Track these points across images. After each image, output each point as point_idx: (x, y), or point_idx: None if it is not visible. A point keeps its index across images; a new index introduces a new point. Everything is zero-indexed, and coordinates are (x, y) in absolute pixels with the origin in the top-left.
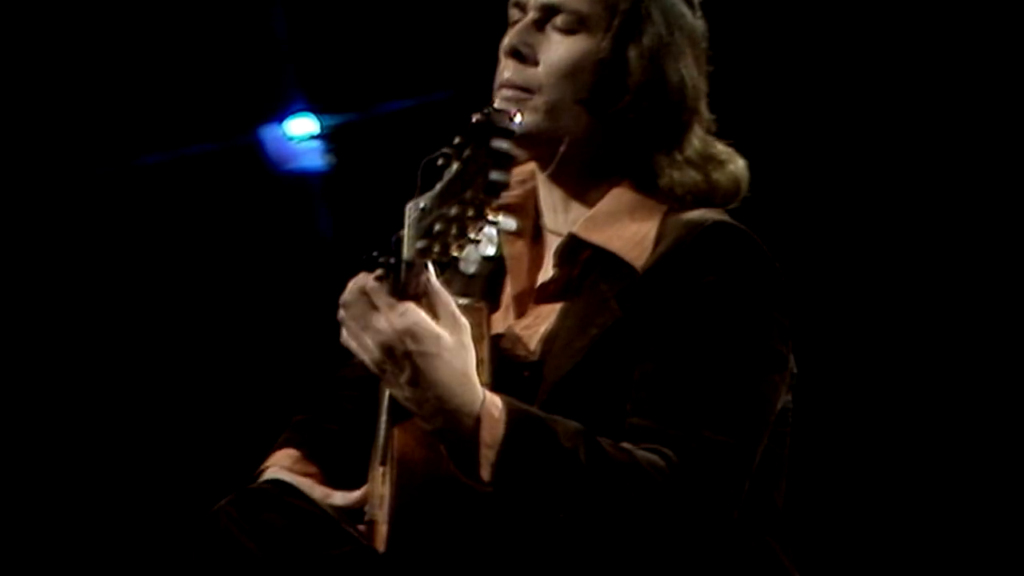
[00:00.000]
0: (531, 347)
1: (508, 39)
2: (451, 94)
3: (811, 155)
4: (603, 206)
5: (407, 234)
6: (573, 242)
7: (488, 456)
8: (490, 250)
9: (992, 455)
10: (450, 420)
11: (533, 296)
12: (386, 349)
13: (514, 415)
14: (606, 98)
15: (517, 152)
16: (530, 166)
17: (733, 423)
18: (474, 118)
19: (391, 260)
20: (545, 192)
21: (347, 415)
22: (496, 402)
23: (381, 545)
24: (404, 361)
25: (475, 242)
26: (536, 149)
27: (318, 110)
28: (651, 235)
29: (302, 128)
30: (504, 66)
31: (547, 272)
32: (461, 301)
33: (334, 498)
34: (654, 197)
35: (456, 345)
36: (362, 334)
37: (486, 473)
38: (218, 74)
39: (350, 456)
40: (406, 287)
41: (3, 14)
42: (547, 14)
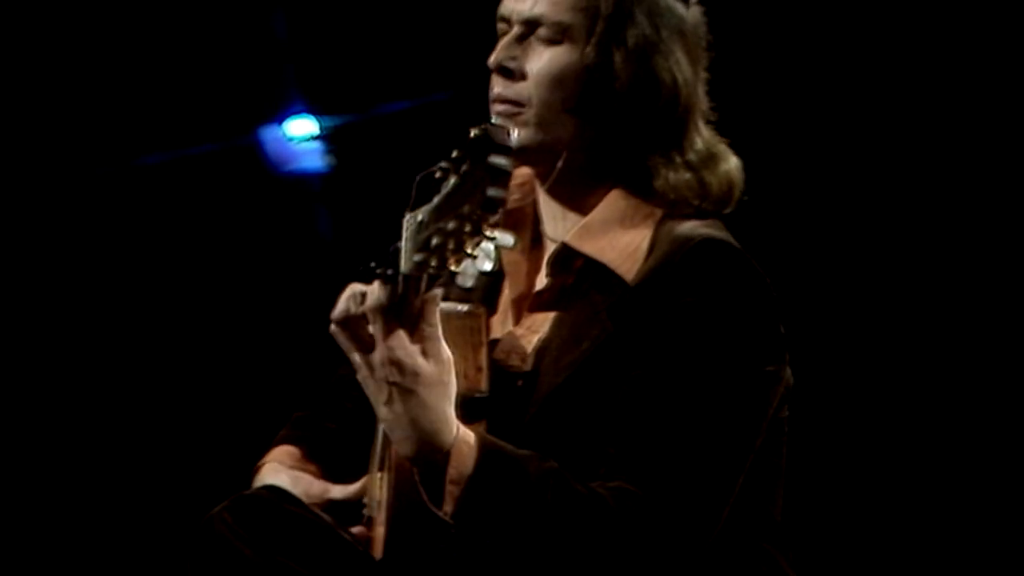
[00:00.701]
0: (525, 356)
1: (494, 55)
2: (450, 95)
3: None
4: (597, 214)
5: (405, 247)
6: (566, 251)
7: (452, 492)
8: (487, 265)
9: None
10: (420, 452)
11: (528, 303)
12: (370, 369)
13: (484, 453)
14: (595, 105)
15: (514, 168)
16: (529, 170)
17: (707, 454)
18: (472, 133)
19: (388, 272)
20: (544, 199)
21: (347, 414)
22: (469, 439)
23: (378, 551)
24: (383, 386)
25: (472, 257)
26: (531, 161)
27: (318, 111)
28: (644, 245)
29: (302, 129)
30: (494, 82)
31: (543, 279)
32: (460, 307)
33: (332, 492)
34: (649, 201)
35: (435, 380)
36: (352, 349)
37: (448, 507)
38: (218, 75)
39: (348, 455)
40: (403, 299)
41: (3, 14)
42: (530, 27)
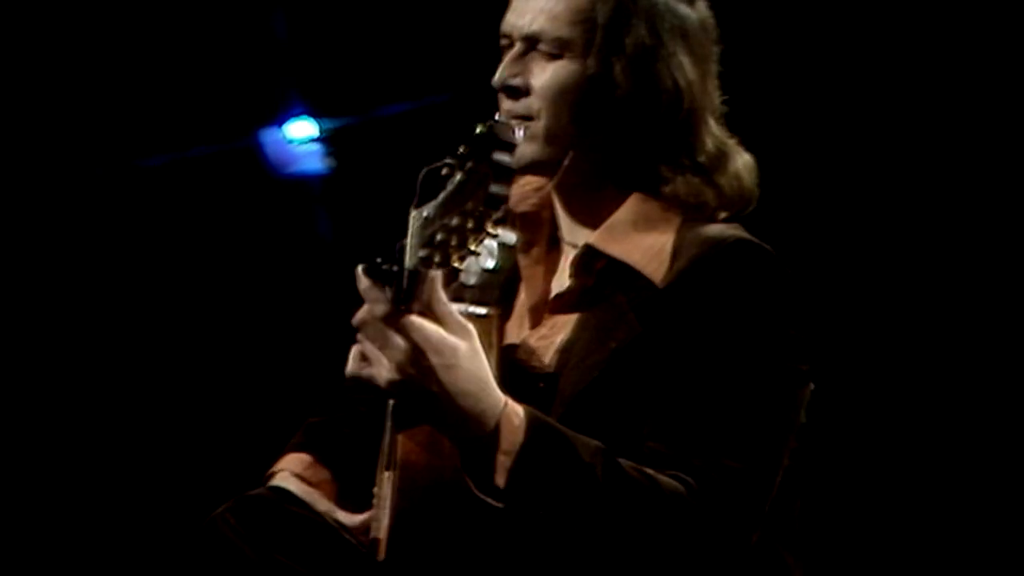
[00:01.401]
0: (546, 359)
1: (498, 75)
2: (450, 97)
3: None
4: (620, 216)
5: (410, 242)
6: (589, 252)
7: (504, 462)
8: (490, 263)
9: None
10: (472, 426)
11: (548, 306)
12: (409, 364)
13: (534, 424)
14: (601, 114)
15: (518, 165)
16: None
17: (752, 448)
18: (477, 129)
19: (394, 268)
20: (560, 206)
21: (360, 420)
22: (517, 410)
23: (381, 552)
24: (426, 373)
25: (475, 254)
26: (544, 172)
27: (318, 113)
28: (668, 247)
29: (302, 131)
30: (501, 100)
31: (562, 282)
32: (471, 309)
33: (337, 515)
34: (668, 204)
35: (471, 352)
36: (380, 356)
37: (501, 479)
38: (218, 77)
39: (361, 462)
40: (409, 295)
41: (3, 15)
42: (531, 43)
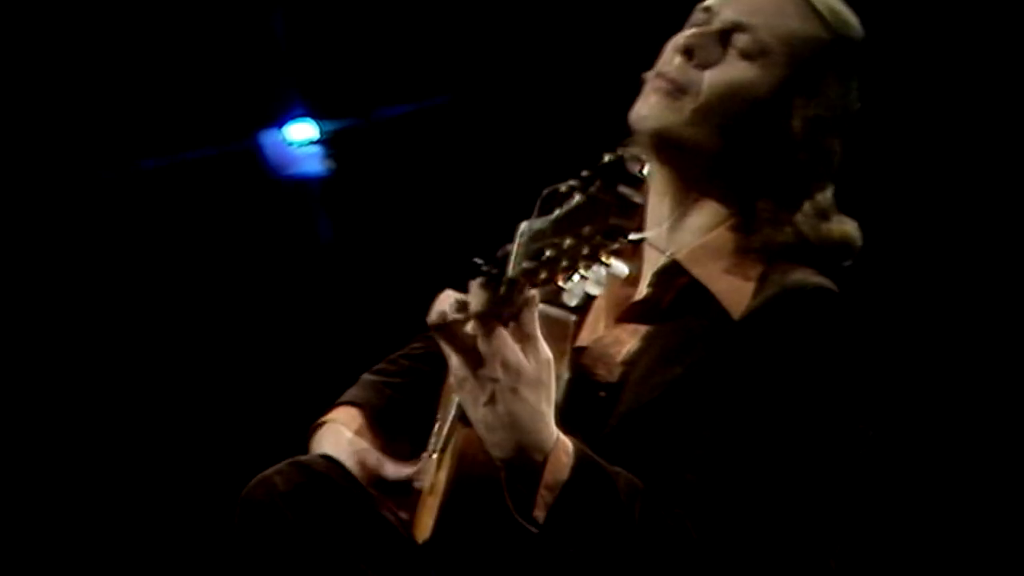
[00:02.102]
0: (611, 368)
1: (686, 37)
2: (450, 99)
3: None
4: (711, 241)
5: (516, 252)
6: (674, 268)
7: (546, 497)
8: (596, 290)
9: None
10: (518, 453)
11: (622, 312)
12: (471, 368)
13: (581, 462)
14: (746, 135)
15: (640, 125)
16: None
17: (798, 509)
18: (605, 157)
19: (494, 272)
20: (655, 202)
21: (413, 388)
22: (567, 447)
23: (422, 534)
24: (486, 384)
25: (583, 278)
26: (665, 152)
27: (318, 115)
28: (752, 285)
29: (302, 133)
30: (668, 59)
31: (641, 290)
32: (552, 311)
33: (386, 468)
34: (763, 245)
35: (535, 380)
36: (451, 347)
37: (540, 513)
38: (218, 79)
39: (407, 428)
40: (503, 303)
41: (3, 17)
42: (730, 32)
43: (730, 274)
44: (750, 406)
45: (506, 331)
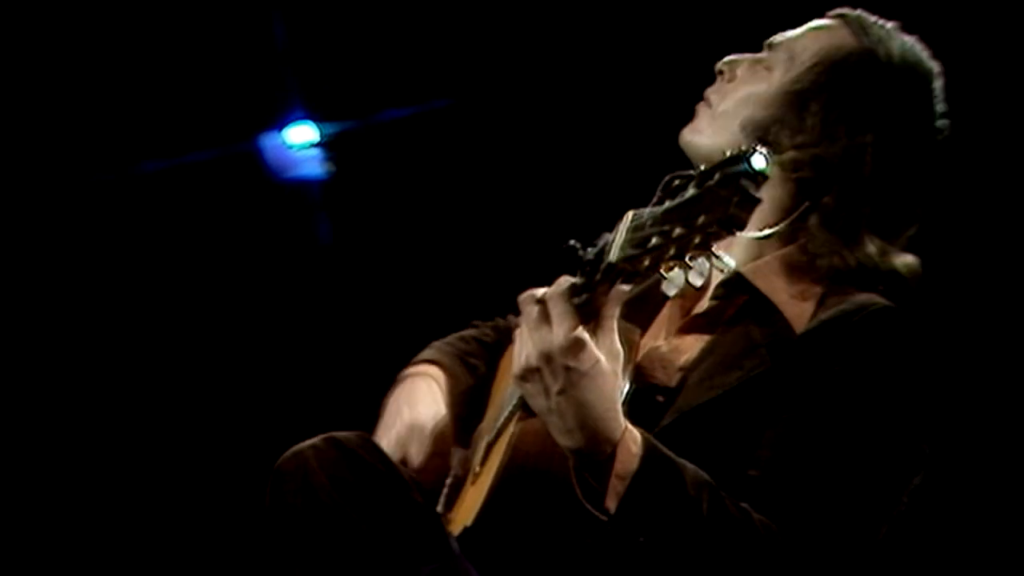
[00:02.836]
0: (670, 373)
1: (723, 61)
2: (450, 102)
3: None
4: (775, 257)
5: (618, 239)
6: (737, 280)
7: (617, 487)
8: (698, 281)
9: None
10: (588, 442)
11: (685, 319)
12: (544, 357)
13: (650, 453)
14: (783, 145)
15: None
16: None
17: (856, 512)
18: (728, 152)
19: (589, 255)
20: None
21: (482, 374)
22: (636, 437)
23: (463, 520)
24: (560, 373)
25: (688, 268)
26: (697, 159)
27: (317, 118)
28: (813, 302)
29: (302, 136)
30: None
31: (704, 300)
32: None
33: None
34: (825, 270)
35: (607, 371)
36: (527, 338)
37: (612, 503)
38: (218, 82)
39: (473, 398)
40: (595, 288)
41: (3, 20)
42: (766, 49)
43: (792, 290)
44: (815, 412)
45: (586, 318)
